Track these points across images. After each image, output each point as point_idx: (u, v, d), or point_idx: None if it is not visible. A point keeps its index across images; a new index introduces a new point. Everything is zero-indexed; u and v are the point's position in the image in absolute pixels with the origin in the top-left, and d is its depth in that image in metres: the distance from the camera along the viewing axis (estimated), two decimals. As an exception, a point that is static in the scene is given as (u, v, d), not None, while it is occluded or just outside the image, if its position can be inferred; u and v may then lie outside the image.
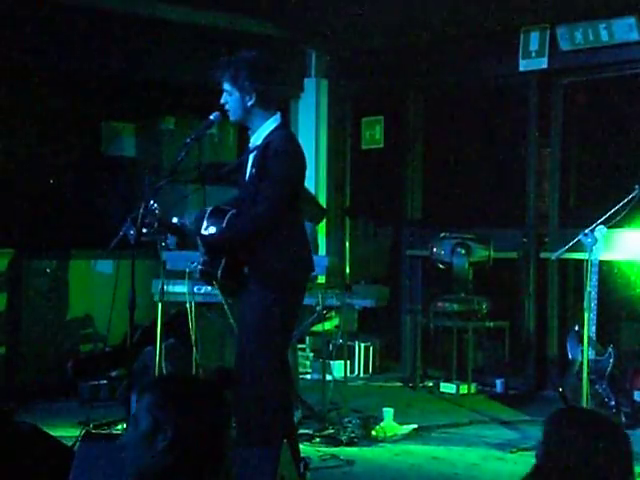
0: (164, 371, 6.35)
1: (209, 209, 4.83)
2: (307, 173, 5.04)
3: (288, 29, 9.10)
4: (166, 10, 8.31)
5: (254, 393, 4.74)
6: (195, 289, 6.30)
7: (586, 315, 6.13)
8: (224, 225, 4.71)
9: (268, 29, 8.97)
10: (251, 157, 4.84)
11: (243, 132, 5.02)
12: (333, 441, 6.19)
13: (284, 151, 4.76)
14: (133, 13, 8.13)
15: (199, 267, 4.81)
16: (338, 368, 7.78)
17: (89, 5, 7.87)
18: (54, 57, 7.80)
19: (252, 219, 4.71)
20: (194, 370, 6.39)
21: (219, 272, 4.70)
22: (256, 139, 4.84)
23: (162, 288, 6.31)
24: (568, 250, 6.35)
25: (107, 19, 7.96)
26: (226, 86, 4.81)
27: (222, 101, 4.85)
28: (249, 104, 4.79)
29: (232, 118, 4.88)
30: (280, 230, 4.80)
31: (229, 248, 4.72)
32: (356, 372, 9.05)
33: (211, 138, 9.05)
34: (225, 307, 6.10)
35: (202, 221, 4.79)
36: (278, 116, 4.86)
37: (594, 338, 6.51)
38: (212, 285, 5.04)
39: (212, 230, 4.73)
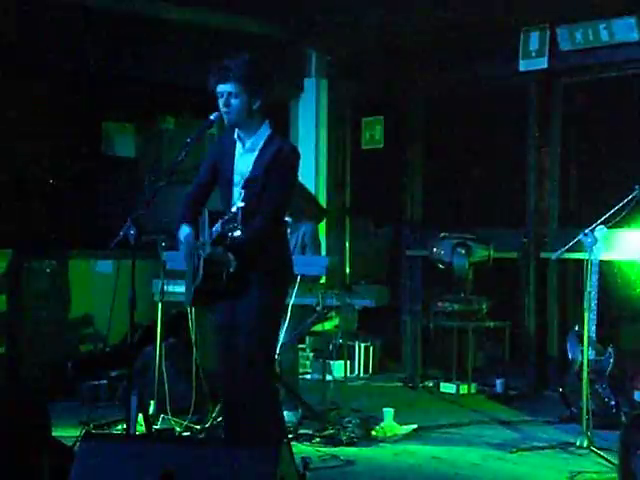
0: (164, 371, 6.36)
1: (206, 217, 4.82)
2: (307, 173, 5.09)
3: (288, 29, 9.10)
4: (166, 10, 8.32)
5: (253, 393, 4.74)
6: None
7: (586, 315, 6.14)
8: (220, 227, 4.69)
9: (268, 29, 8.97)
10: (251, 158, 4.82)
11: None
12: (333, 441, 6.19)
13: (295, 158, 4.83)
14: (133, 13, 8.14)
15: (189, 297, 4.84)
16: (338, 368, 7.78)
17: (89, 5, 7.87)
18: (54, 57, 7.80)
19: (266, 219, 4.72)
20: (194, 370, 6.40)
21: (224, 278, 4.70)
22: (252, 143, 4.83)
23: (162, 288, 6.32)
24: (568, 250, 6.35)
25: (108, 19, 7.97)
26: (231, 87, 4.73)
27: (224, 104, 4.77)
28: (254, 107, 4.78)
29: (232, 120, 4.80)
30: (278, 232, 4.84)
31: (251, 250, 4.71)
32: (356, 372, 9.05)
33: (211, 138, 9.05)
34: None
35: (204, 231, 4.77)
36: (268, 122, 4.88)
37: (594, 338, 6.51)
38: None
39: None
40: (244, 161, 4.83)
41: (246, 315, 4.76)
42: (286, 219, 5.50)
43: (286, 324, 6.29)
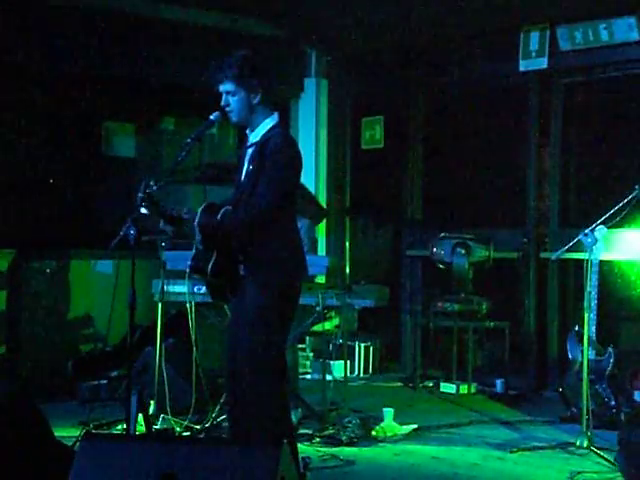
0: (164, 371, 6.36)
1: (203, 205, 4.80)
2: (307, 173, 5.05)
3: (288, 29, 9.10)
4: (166, 10, 8.32)
5: (254, 393, 4.73)
6: (195, 289, 6.30)
7: (586, 315, 6.14)
8: (219, 217, 4.69)
9: (268, 29, 8.98)
10: (248, 154, 4.83)
11: (243, 132, 5.00)
12: (333, 441, 6.19)
13: (283, 148, 4.74)
14: (133, 13, 8.14)
15: (189, 262, 4.79)
16: (338, 368, 7.78)
17: (89, 5, 7.87)
18: (54, 57, 7.80)
19: (250, 211, 4.67)
20: (194, 370, 6.40)
21: (209, 267, 4.67)
22: (254, 137, 4.84)
23: (162, 288, 6.32)
24: (568, 250, 6.35)
25: (108, 19, 7.97)
26: (228, 87, 4.75)
27: (223, 103, 4.78)
28: (254, 102, 4.78)
29: (235, 119, 4.81)
30: (277, 231, 4.79)
31: (226, 239, 4.68)
32: (356, 372, 9.05)
33: (211, 138, 9.06)
34: (225, 307, 6.12)
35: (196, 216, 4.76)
36: (276, 115, 4.86)
37: (594, 338, 6.51)
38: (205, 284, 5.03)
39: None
40: (248, 155, 4.84)
41: (246, 313, 4.75)
42: None
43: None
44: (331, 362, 7.64)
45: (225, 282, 4.77)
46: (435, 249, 8.30)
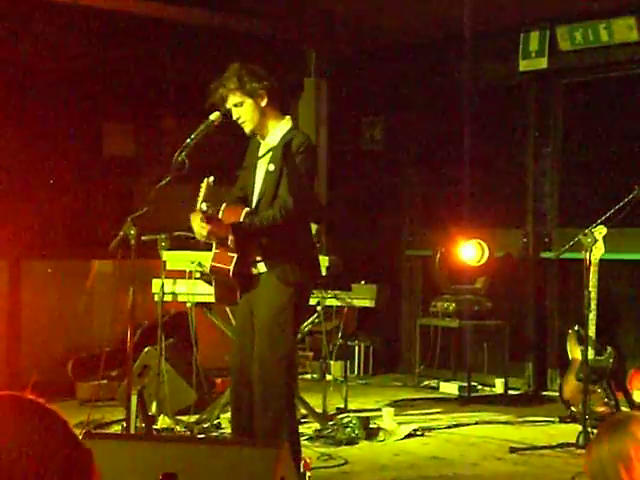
0: (164, 371, 6.36)
1: (222, 205, 4.83)
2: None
3: (288, 29, 9.10)
4: (167, 10, 8.32)
5: (265, 391, 4.73)
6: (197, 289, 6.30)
7: (586, 315, 6.14)
8: (242, 219, 4.71)
9: (269, 29, 8.97)
10: (267, 156, 4.84)
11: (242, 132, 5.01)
12: (333, 441, 6.19)
13: (309, 148, 4.83)
14: (133, 13, 8.14)
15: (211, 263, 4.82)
16: (338, 368, 7.78)
17: (89, 5, 7.87)
18: (54, 57, 7.80)
19: (284, 207, 4.70)
20: (194, 370, 6.39)
21: (231, 268, 4.69)
22: (271, 140, 4.86)
23: (162, 288, 6.32)
24: (568, 250, 6.35)
25: (107, 19, 7.97)
26: (233, 99, 4.77)
27: (235, 118, 4.81)
28: (263, 105, 4.80)
29: (250, 128, 4.84)
30: (300, 229, 4.84)
31: (255, 238, 4.72)
32: (356, 372, 9.05)
33: (211, 138, 9.04)
34: (227, 307, 6.12)
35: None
36: (289, 118, 4.90)
37: (594, 338, 6.51)
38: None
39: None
40: (265, 157, 4.86)
41: (262, 312, 4.76)
42: None
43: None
44: (331, 362, 7.63)
45: (239, 283, 4.79)
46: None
